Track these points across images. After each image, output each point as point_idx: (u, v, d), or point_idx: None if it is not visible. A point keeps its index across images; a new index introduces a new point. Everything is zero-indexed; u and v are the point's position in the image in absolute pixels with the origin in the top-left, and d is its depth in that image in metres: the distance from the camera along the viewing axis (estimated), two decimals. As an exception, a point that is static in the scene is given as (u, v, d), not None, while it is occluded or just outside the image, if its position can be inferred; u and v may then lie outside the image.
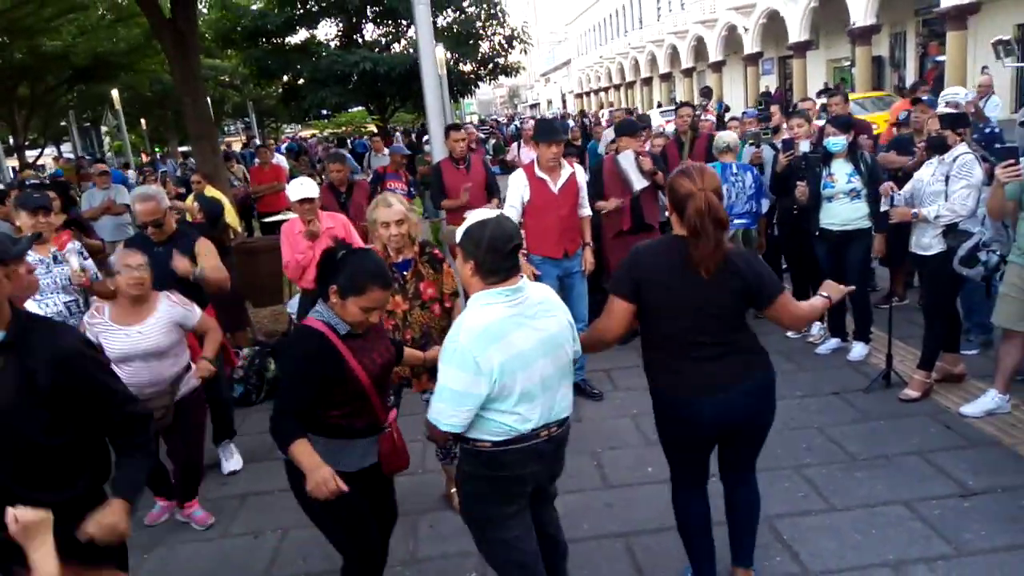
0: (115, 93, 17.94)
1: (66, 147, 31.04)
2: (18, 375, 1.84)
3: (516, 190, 4.64)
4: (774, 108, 7.18)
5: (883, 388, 4.56)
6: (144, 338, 3.29)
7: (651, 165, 5.32)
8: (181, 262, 3.84)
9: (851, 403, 4.47)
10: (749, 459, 2.79)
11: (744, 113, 7.87)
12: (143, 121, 28.78)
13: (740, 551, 2.87)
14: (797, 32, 26.72)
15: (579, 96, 60.69)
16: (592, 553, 3.25)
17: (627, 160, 5.33)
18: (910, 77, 23.60)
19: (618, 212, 5.45)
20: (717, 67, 34.34)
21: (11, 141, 22.13)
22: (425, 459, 4.25)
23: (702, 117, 7.41)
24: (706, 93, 19.61)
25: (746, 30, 30.60)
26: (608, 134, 9.18)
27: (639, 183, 5.35)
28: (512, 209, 4.61)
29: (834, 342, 5.26)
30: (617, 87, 50.70)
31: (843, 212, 4.87)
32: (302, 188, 4.46)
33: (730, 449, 2.74)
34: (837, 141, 4.83)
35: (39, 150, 27.46)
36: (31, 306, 3.60)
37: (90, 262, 4.23)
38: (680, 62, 38.49)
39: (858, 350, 5.08)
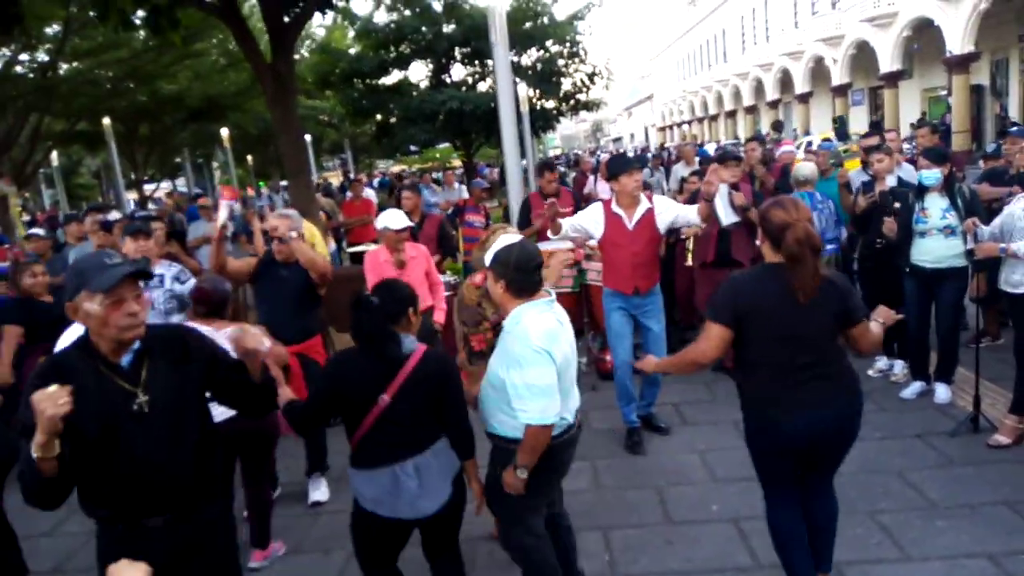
0: (224, 132, 19.19)
1: (180, 182, 33.36)
2: (166, 371, 2.11)
3: (587, 219, 4.60)
4: (923, 130, 6.82)
5: (970, 432, 4.33)
6: None
7: (743, 200, 5.24)
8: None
9: (934, 447, 4.26)
10: (831, 472, 2.94)
11: (820, 145, 7.68)
12: (249, 157, 30.61)
13: (820, 556, 2.96)
14: (888, 62, 25.82)
15: (661, 129, 60.42)
16: (650, 588, 3.23)
17: (719, 195, 5.27)
18: (1014, 107, 22.36)
19: (705, 244, 5.42)
20: (804, 99, 33.53)
21: (132, 176, 24.00)
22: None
23: (776, 151, 7.31)
24: (777, 127, 19.18)
25: (835, 61, 29.80)
26: (678, 169, 9.15)
27: (728, 218, 5.29)
28: (570, 225, 4.59)
29: (918, 385, 5.01)
30: (700, 120, 50.22)
31: (937, 249, 4.65)
32: (397, 219, 4.74)
33: (812, 467, 2.87)
34: (931, 175, 4.60)
35: (156, 184, 29.64)
36: None
37: (186, 285, 4.56)
38: (765, 94, 37.81)
39: (942, 392, 4.83)
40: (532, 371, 2.51)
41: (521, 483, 2.64)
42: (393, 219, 4.73)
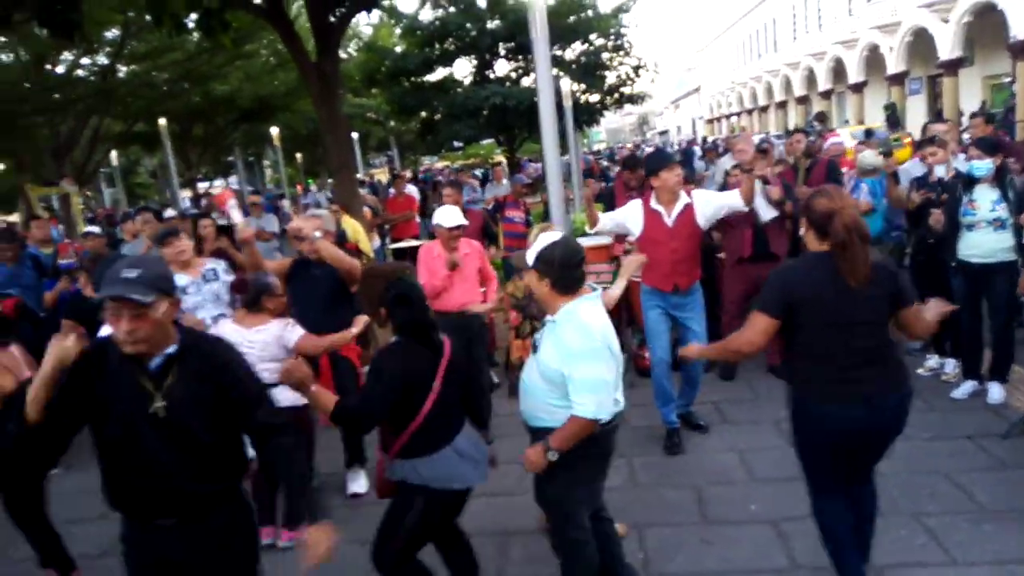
0: (275, 131, 19.65)
1: (232, 179, 34.26)
2: (189, 381, 2.15)
3: (626, 215, 4.58)
4: (976, 120, 6.59)
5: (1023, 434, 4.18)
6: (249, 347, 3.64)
7: (779, 194, 5.16)
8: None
9: (985, 449, 4.12)
10: (873, 464, 2.97)
11: (873, 134, 7.46)
12: (299, 156, 31.25)
13: (861, 546, 2.97)
14: (948, 49, 24.78)
15: (709, 122, 59.31)
16: (685, 587, 3.21)
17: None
18: (1086, 93, 21.27)
19: (739, 239, 5.34)
20: (858, 88, 32.50)
21: (186, 175, 24.75)
22: (524, 479, 4.34)
23: (821, 143, 7.12)
24: (820, 118, 18.61)
25: (891, 49, 28.78)
26: (724, 162, 8.99)
27: (767, 213, 5.20)
28: (608, 218, 4.65)
29: (970, 385, 4.84)
30: (749, 112, 49.09)
31: (986, 243, 4.51)
32: (454, 216, 4.75)
33: (856, 458, 2.87)
34: (982, 165, 4.46)
35: (209, 183, 30.50)
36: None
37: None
38: (817, 84, 36.79)
39: (996, 391, 4.67)
40: (594, 366, 2.59)
41: (545, 463, 2.67)
42: (446, 216, 4.73)
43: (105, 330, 3.15)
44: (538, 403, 2.78)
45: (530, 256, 2.76)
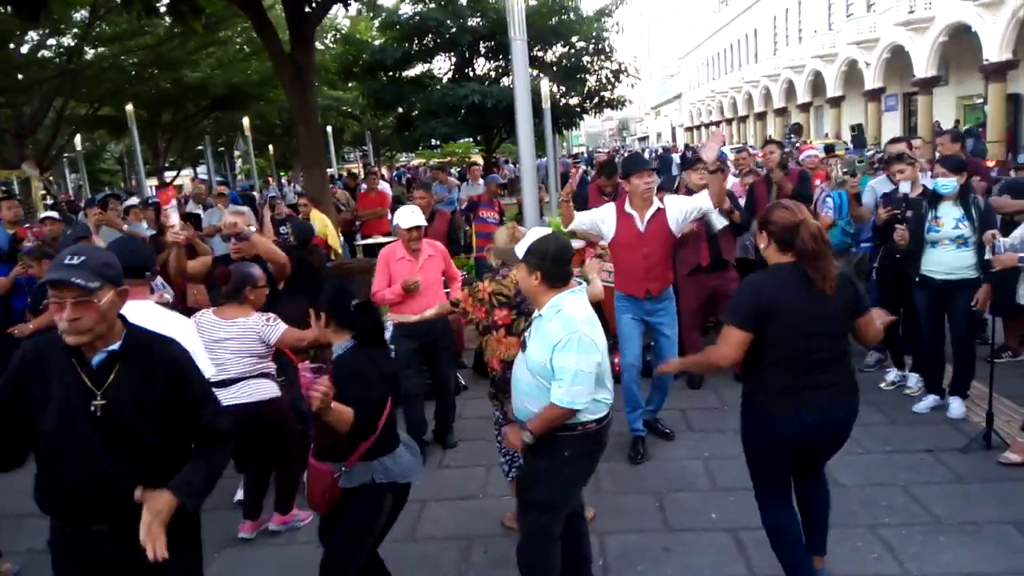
0: (246, 121, 19.34)
1: (201, 169, 33.68)
2: (133, 381, 2.05)
3: (600, 216, 4.51)
4: (943, 138, 6.71)
5: (982, 449, 4.22)
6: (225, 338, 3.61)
7: (728, 204, 5.21)
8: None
9: (943, 462, 4.16)
10: (822, 465, 3.07)
11: (847, 150, 7.54)
12: (271, 147, 30.83)
13: (815, 541, 3.07)
14: (923, 67, 25.34)
15: (689, 129, 59.89)
16: (643, 596, 3.18)
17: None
18: (1051, 116, 21.87)
19: (694, 249, 5.37)
20: (836, 102, 33.06)
21: (154, 163, 24.26)
22: (487, 484, 4.31)
23: (801, 154, 7.19)
24: (796, 130, 18.93)
25: (867, 65, 29.32)
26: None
27: (719, 222, 5.25)
28: (584, 216, 4.55)
29: (931, 399, 4.89)
30: (729, 121, 49.70)
31: (948, 259, 4.56)
32: (412, 216, 4.59)
33: (808, 459, 2.97)
34: (947, 183, 4.52)
35: (177, 172, 29.93)
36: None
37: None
38: (796, 97, 37.34)
39: (956, 406, 4.72)
40: (578, 356, 2.58)
41: (520, 444, 2.76)
42: (404, 217, 4.62)
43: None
44: (528, 399, 2.76)
45: (520, 249, 2.74)
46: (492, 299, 3.52)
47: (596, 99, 18.27)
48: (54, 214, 7.15)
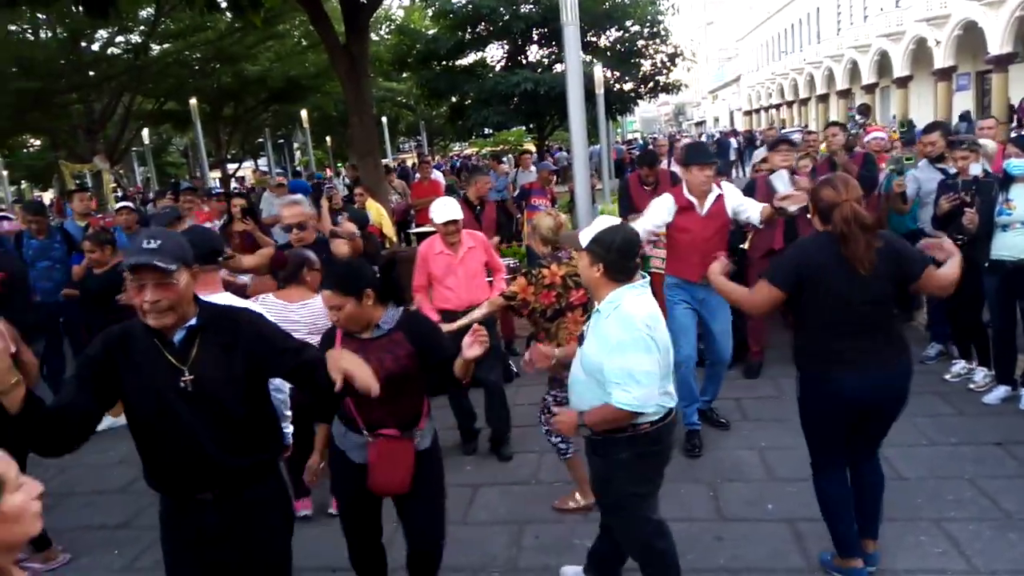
0: (304, 113, 19.71)
1: (262, 161, 34.54)
2: (215, 353, 2.14)
3: (659, 212, 4.43)
4: (989, 122, 6.43)
5: (1058, 443, 4.03)
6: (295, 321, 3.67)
7: (808, 184, 5.04)
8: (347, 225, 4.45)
9: (1015, 456, 3.98)
10: (877, 440, 3.07)
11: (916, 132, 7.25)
12: (328, 139, 31.39)
13: (867, 524, 3.07)
14: (998, 44, 24.04)
15: (748, 113, 58.36)
16: (694, 585, 3.15)
17: (781, 180, 5.08)
18: None
19: (768, 233, 5.23)
20: (903, 83, 31.70)
21: (216, 155, 25.01)
22: (539, 469, 4.33)
23: (867, 136, 6.94)
24: (863, 111, 18.18)
25: (937, 43, 27.99)
26: (759, 153, 8.84)
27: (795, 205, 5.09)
28: (643, 229, 4.47)
29: (1003, 390, 4.67)
30: (790, 104, 48.22)
31: (1021, 243, 4.36)
32: (446, 210, 4.47)
33: (862, 431, 2.97)
34: (1020, 163, 4.35)
35: (238, 164, 30.78)
36: None
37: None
38: (860, 78, 35.97)
39: (1030, 398, 4.52)
40: (635, 357, 2.46)
41: (572, 429, 2.65)
42: (438, 211, 4.48)
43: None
44: (583, 396, 2.67)
45: (585, 237, 2.61)
46: (568, 280, 3.53)
47: (651, 84, 17.98)
48: (129, 204, 7.45)
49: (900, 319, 6.08)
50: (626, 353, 2.45)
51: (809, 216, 2.91)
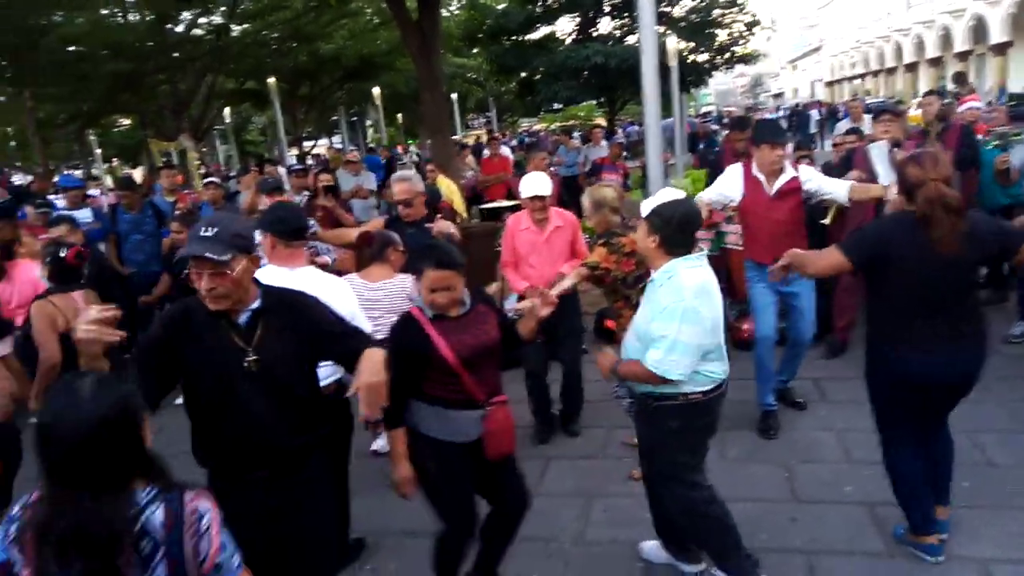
0: (376, 91, 20.01)
1: (336, 139, 35.28)
2: (277, 335, 2.21)
3: (724, 186, 4.32)
4: None
5: None
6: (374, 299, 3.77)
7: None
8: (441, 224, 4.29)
9: (1120, 446, 3.75)
10: (945, 415, 3.04)
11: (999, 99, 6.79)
12: (399, 116, 31.76)
13: (939, 490, 3.06)
14: (1114, 3, 22.19)
15: (829, 84, 55.83)
16: (769, 566, 3.09)
17: (879, 152, 4.82)
18: None
19: (861, 208, 5.02)
20: (1001, 49, 29.60)
21: (293, 133, 25.70)
22: (607, 444, 4.33)
23: (961, 106, 6.54)
24: (959, 80, 17.11)
25: (1044, 3, 26.04)
26: (841, 127, 8.47)
27: (889, 177, 4.83)
28: (712, 192, 4.40)
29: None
30: (875, 74, 45.82)
31: None
32: (534, 185, 4.28)
33: (930, 407, 2.95)
34: None
35: (314, 141, 31.54)
36: None
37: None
38: (953, 45, 33.81)
39: None
40: (678, 325, 2.51)
41: (607, 370, 2.78)
42: (526, 186, 4.34)
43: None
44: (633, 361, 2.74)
45: (646, 207, 2.68)
46: None
47: (727, 54, 17.48)
48: (216, 180, 7.77)
49: (992, 300, 5.81)
50: (671, 320, 2.52)
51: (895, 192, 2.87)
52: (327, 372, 3.17)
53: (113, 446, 1.49)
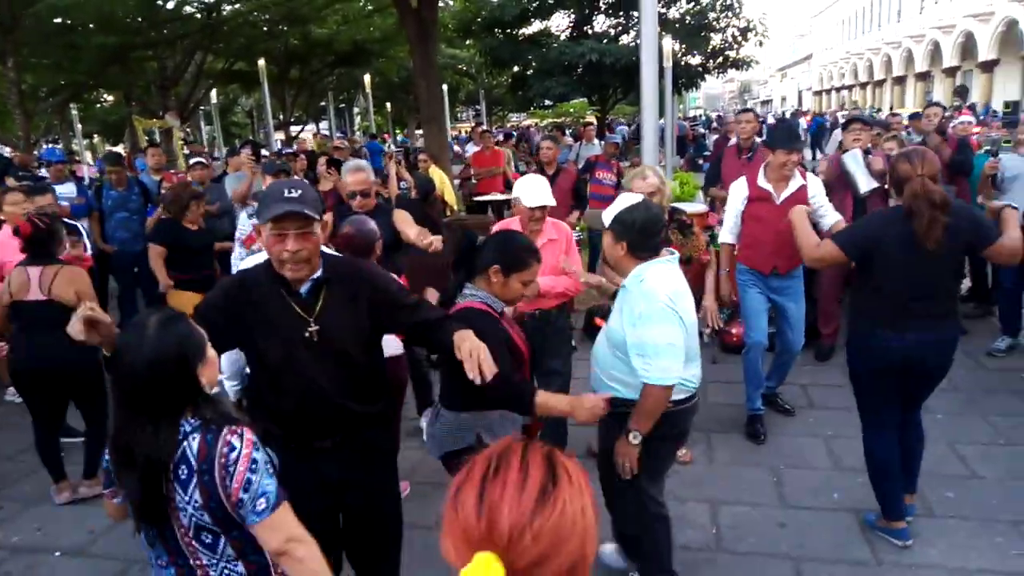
0: (367, 78, 19.85)
1: (323, 125, 34.92)
2: (339, 304, 2.16)
3: (734, 203, 4.26)
4: None
5: None
6: None
7: (882, 165, 4.80)
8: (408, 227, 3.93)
9: (1102, 461, 3.80)
10: (920, 400, 3.20)
11: (995, 115, 6.88)
12: (388, 104, 31.51)
13: (907, 480, 3.25)
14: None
15: (817, 94, 56.32)
16: (754, 569, 3.10)
17: (853, 159, 4.86)
18: None
19: (839, 211, 5.05)
20: (988, 67, 30.01)
21: (280, 117, 25.39)
22: (595, 442, 4.30)
23: (955, 120, 6.61)
24: (961, 92, 17.38)
25: (1031, 24, 26.41)
26: (837, 135, 8.53)
27: (866, 184, 4.84)
28: (728, 233, 4.32)
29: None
30: (863, 85, 46.26)
31: None
32: (538, 193, 3.56)
33: (905, 391, 3.09)
34: None
35: (301, 127, 31.20)
36: None
37: None
38: (942, 60, 34.22)
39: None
40: (658, 328, 2.42)
41: (635, 451, 2.52)
42: (529, 193, 3.56)
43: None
44: (604, 370, 2.67)
45: (607, 216, 2.62)
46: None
47: (720, 58, 17.52)
48: (203, 160, 7.60)
49: (976, 314, 5.88)
50: (648, 325, 2.43)
51: (887, 186, 3.05)
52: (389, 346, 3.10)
53: (168, 379, 1.62)
